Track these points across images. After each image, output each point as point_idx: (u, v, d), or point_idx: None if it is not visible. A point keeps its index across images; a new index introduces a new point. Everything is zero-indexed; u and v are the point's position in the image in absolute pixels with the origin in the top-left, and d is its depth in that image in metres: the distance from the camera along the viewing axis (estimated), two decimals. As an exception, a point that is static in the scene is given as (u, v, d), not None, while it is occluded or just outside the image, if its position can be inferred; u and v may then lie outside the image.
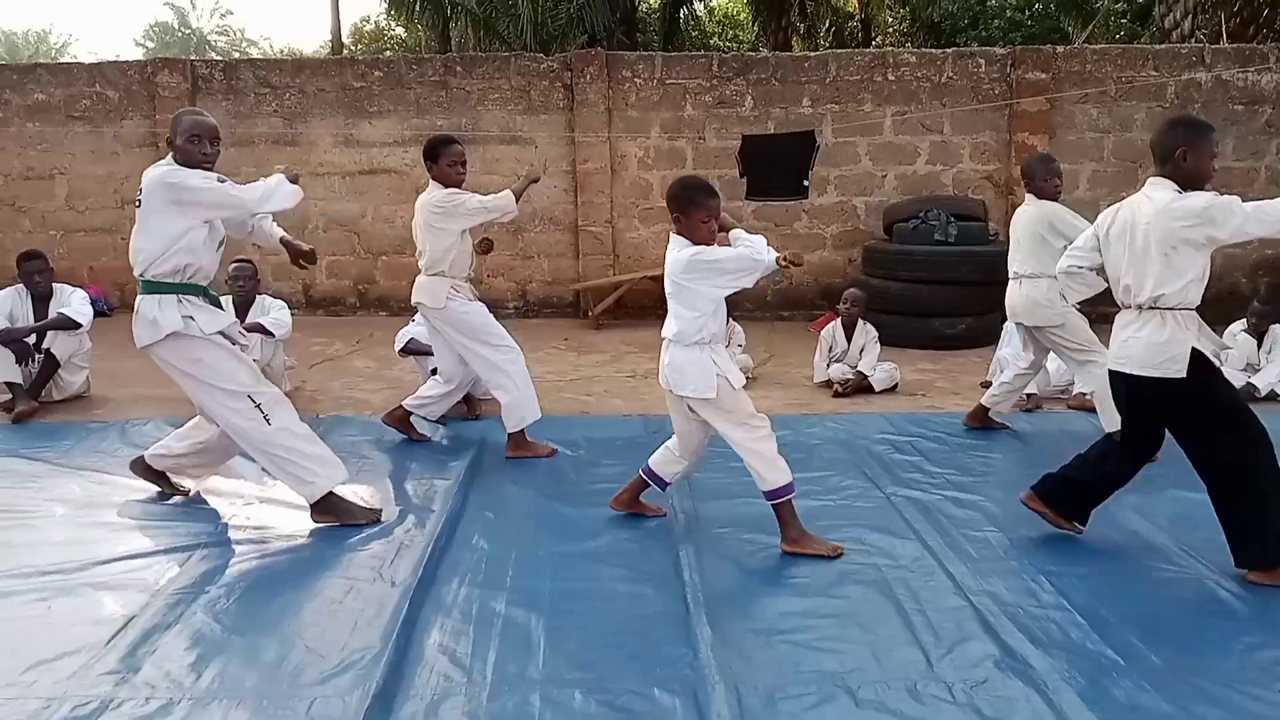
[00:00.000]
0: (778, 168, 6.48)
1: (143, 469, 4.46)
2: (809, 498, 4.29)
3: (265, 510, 4.41)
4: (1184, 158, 3.47)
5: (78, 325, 6.14)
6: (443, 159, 5.13)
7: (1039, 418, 5.92)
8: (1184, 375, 3.41)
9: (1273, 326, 6.39)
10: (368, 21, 29.51)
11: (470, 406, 5.88)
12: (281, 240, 4.47)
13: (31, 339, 6.02)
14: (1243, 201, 3.38)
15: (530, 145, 9.19)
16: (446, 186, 5.12)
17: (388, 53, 27.48)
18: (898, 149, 9.12)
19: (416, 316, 5.77)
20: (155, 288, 3.99)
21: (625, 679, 2.93)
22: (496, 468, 5.00)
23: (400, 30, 27.31)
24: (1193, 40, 12.19)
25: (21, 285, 6.22)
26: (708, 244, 3.77)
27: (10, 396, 5.91)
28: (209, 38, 53.83)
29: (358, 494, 4.48)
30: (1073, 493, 3.84)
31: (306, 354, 7.55)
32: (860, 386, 6.37)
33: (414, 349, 6.09)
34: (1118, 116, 8.93)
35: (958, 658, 3.03)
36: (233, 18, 53.61)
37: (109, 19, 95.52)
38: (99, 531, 4.13)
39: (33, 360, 6.02)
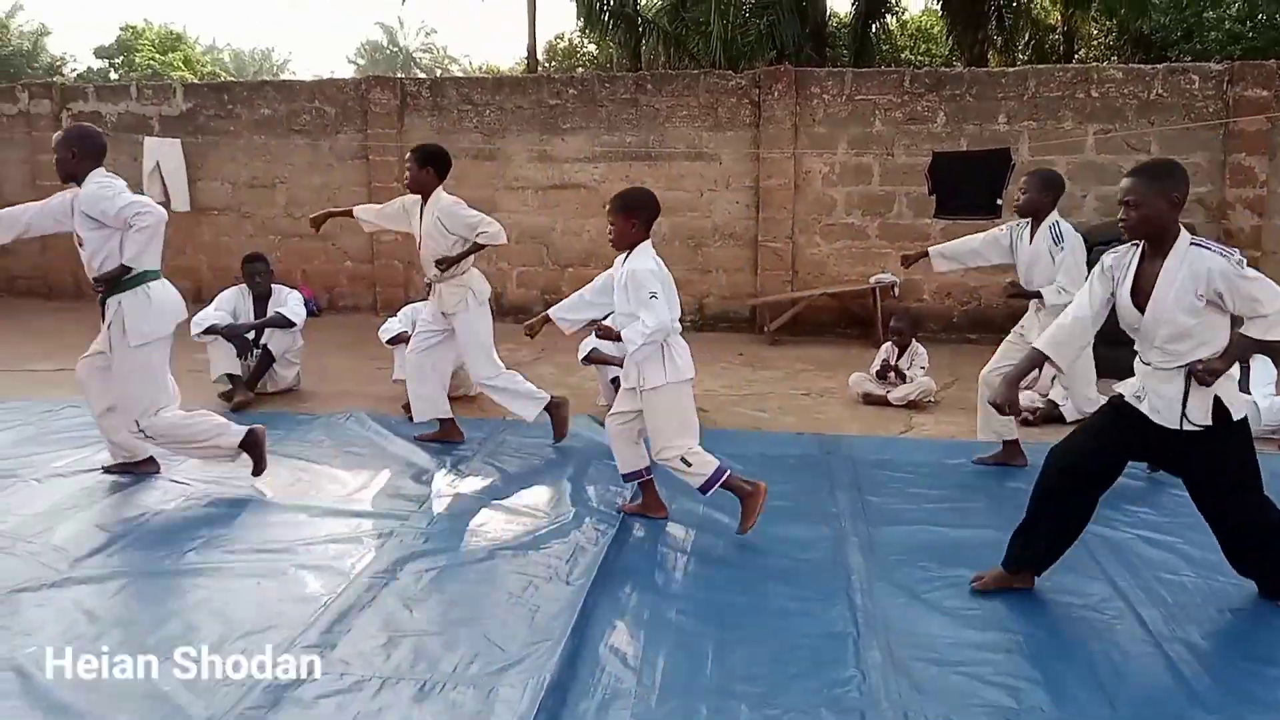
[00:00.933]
0: (969, 185, 6.29)
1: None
2: (988, 528, 4.16)
3: (453, 503, 4.65)
4: None
5: (292, 324, 6.64)
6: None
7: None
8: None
9: None
10: (562, 39, 30.42)
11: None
12: None
13: (251, 335, 6.56)
14: None
15: (715, 161, 9.29)
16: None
17: (580, 69, 28.36)
18: (1099, 169, 8.69)
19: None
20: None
21: (792, 696, 2.94)
22: (666, 479, 5.07)
23: (592, 47, 28.09)
24: None
25: (244, 285, 6.79)
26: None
27: (230, 387, 6.46)
28: (414, 55, 57.09)
29: (536, 497, 4.69)
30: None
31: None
32: (1050, 415, 6.10)
33: (595, 359, 6.25)
34: (1350, 136, 8.23)
35: (1144, 708, 2.88)
36: (436, 36, 56.40)
37: (325, 39, 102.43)
38: (302, 515, 4.47)
39: (251, 355, 6.56)
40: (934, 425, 6.16)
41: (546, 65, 26.95)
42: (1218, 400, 3.25)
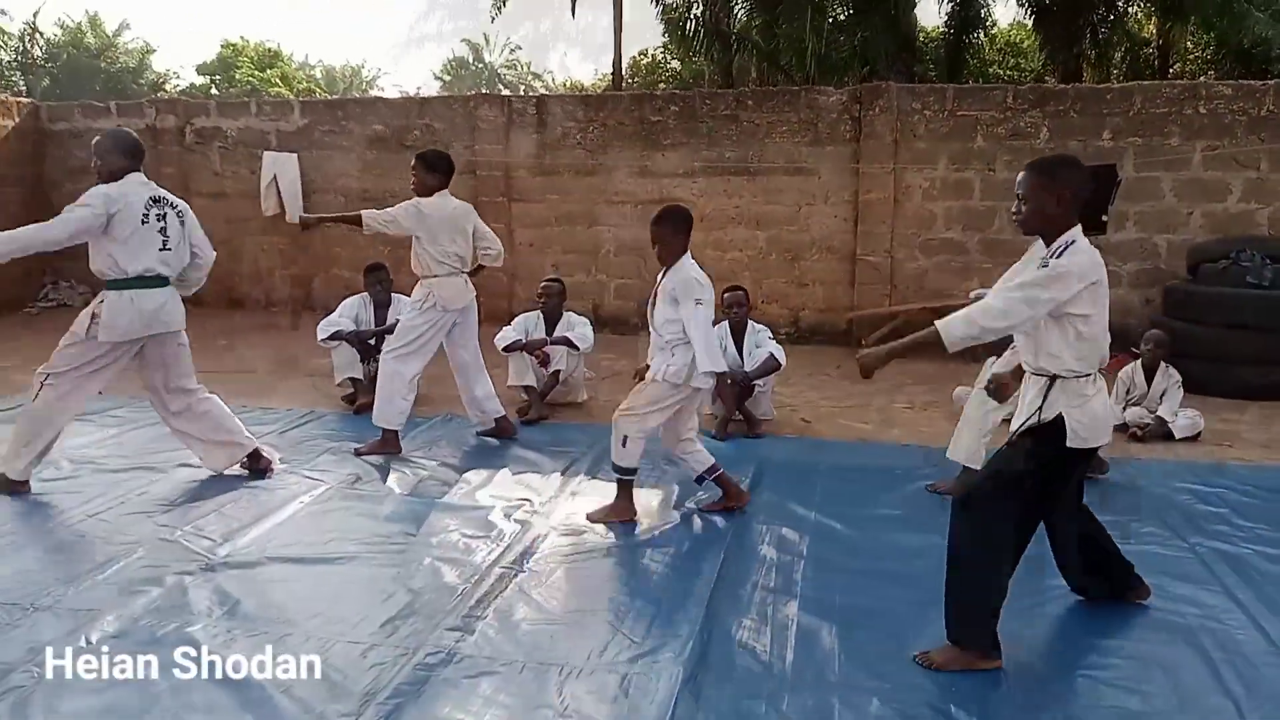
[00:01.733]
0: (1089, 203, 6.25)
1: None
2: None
3: (567, 502, 4.85)
4: None
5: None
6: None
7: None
8: None
9: None
10: (645, 55, 30.66)
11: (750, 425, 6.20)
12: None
13: (372, 341, 6.87)
14: None
15: (814, 175, 9.40)
16: None
17: (662, 85, 28.63)
18: (1206, 185, 8.58)
19: None
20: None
21: (921, 692, 3.06)
22: (775, 485, 5.20)
23: (676, 63, 28.33)
24: None
25: (366, 294, 7.12)
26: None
27: (353, 390, 6.77)
28: (499, 71, 58.13)
29: (649, 499, 4.87)
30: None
31: (597, 369, 8.09)
32: (1159, 433, 6.07)
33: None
34: None
35: (1273, 713, 2.93)
36: (520, 53, 57.30)
37: (414, 54, 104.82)
38: (428, 509, 4.72)
39: (374, 359, 6.87)
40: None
41: (630, 81, 27.24)
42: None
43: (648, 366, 4.66)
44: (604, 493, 4.95)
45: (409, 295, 6.99)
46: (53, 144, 11.37)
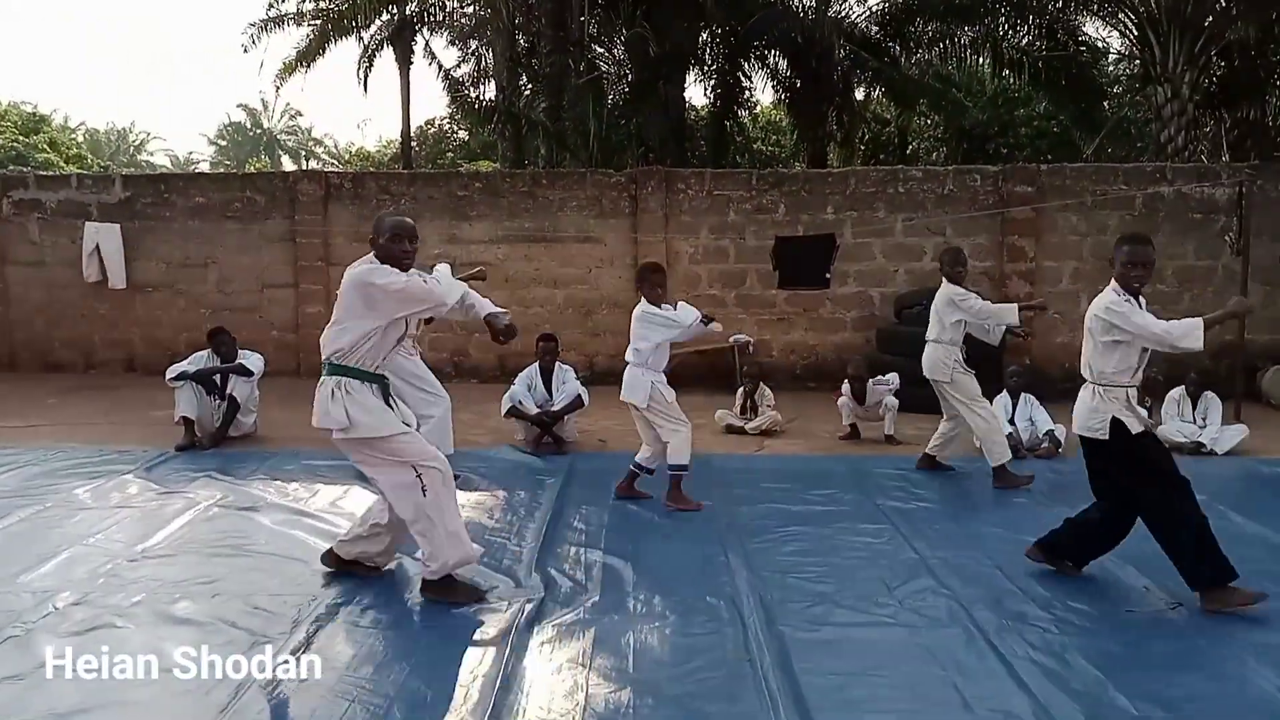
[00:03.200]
0: (805, 263, 8.07)
1: (334, 560, 4.76)
2: (822, 506, 5.90)
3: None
4: (1114, 264, 4.52)
5: (251, 373, 7.97)
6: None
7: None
8: (1107, 438, 4.43)
9: (1205, 392, 7.92)
10: (431, 125, 31.86)
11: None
12: (485, 318, 4.46)
13: (217, 379, 7.83)
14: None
15: (601, 243, 11.04)
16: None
17: (449, 154, 29.95)
18: (907, 249, 10.81)
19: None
20: (337, 370, 4.34)
21: (680, 584, 4.55)
22: (581, 484, 6.63)
23: (463, 134, 29.75)
24: (1185, 153, 13.87)
25: (210, 350, 8.06)
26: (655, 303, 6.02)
27: (188, 427, 7.63)
28: (279, 137, 57.47)
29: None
30: (1067, 544, 4.79)
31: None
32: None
33: (516, 413, 7.75)
34: (1095, 222, 10.59)
35: (913, 590, 4.60)
36: (301, 119, 56.91)
37: (182, 118, 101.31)
38: (298, 517, 5.84)
39: (218, 397, 7.82)
40: (781, 446, 7.94)
41: (417, 150, 28.34)
42: None
43: None
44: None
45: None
46: None
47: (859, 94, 20.65)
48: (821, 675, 3.71)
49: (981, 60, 17.11)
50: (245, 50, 24.38)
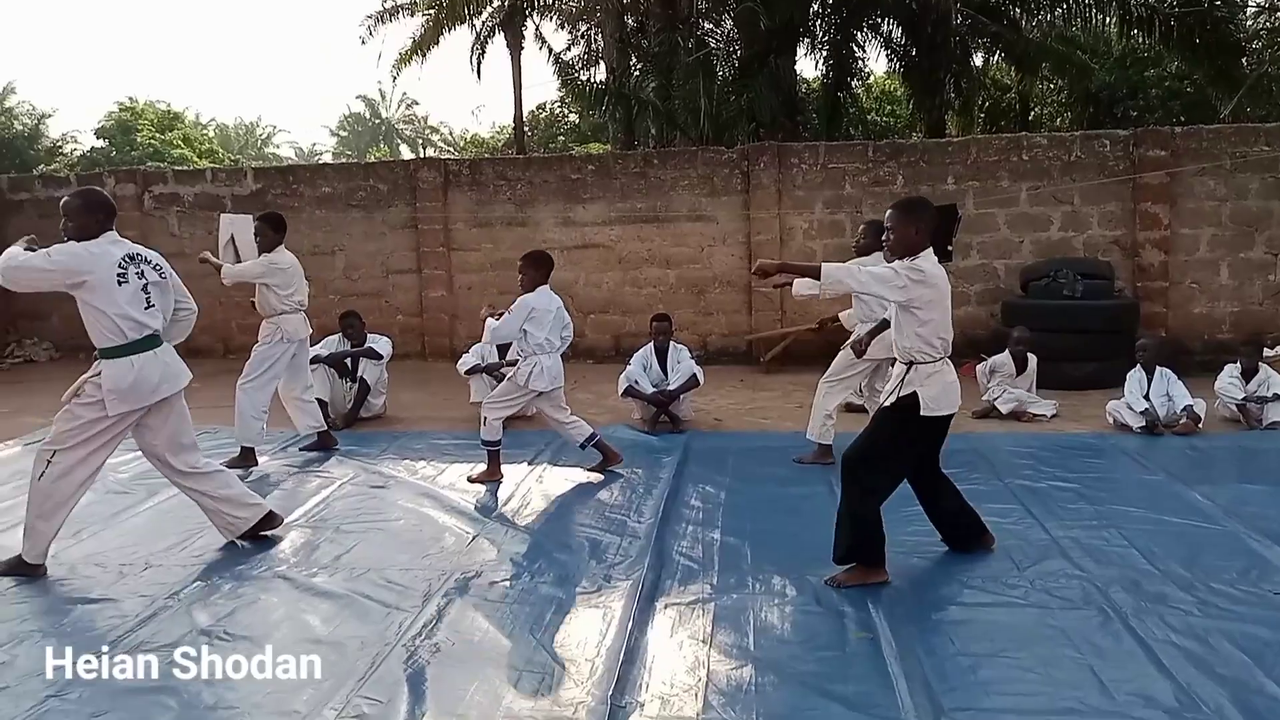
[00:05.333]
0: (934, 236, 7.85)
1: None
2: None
3: (545, 479, 6.23)
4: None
5: (380, 356, 8.26)
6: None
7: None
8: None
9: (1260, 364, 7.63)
10: (544, 109, 32.22)
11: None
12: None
13: (348, 362, 8.15)
14: None
15: (713, 221, 11.00)
16: None
17: (560, 137, 30.24)
18: (1032, 218, 10.44)
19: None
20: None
21: (804, 579, 4.53)
22: (697, 462, 6.65)
23: (574, 116, 29.99)
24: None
25: (341, 334, 8.38)
26: None
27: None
28: (397, 126, 59.05)
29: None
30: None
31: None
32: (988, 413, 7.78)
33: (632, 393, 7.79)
34: (1235, 186, 10.00)
35: (1043, 570, 4.47)
36: (418, 107, 58.24)
37: (305, 111, 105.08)
38: (435, 490, 6.02)
39: (350, 380, 8.14)
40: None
41: (530, 134, 28.70)
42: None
43: None
44: (563, 476, 6.36)
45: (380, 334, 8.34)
46: (15, 214, 12.24)
47: (977, 60, 20.00)
48: (948, 656, 3.65)
49: (1108, 20, 16.31)
50: (363, 42, 25.08)
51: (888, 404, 4.38)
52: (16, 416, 8.69)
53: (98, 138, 37.50)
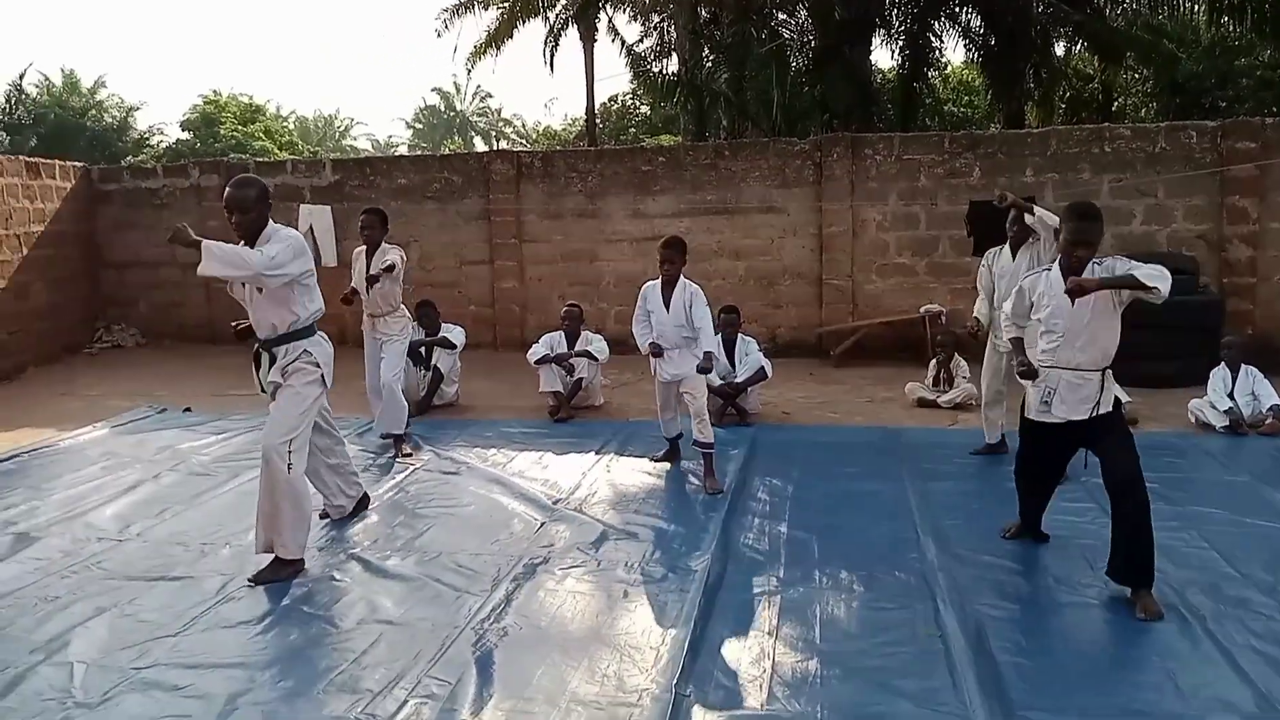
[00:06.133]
0: (1001, 229, 7.67)
1: None
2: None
3: (612, 469, 6.26)
4: None
5: (454, 346, 8.40)
6: None
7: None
8: None
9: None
10: (615, 100, 32.28)
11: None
12: None
13: (423, 351, 8.31)
14: None
15: (784, 213, 10.91)
16: None
17: (632, 129, 30.25)
18: (1114, 211, 10.14)
19: None
20: None
21: (870, 570, 4.49)
22: (765, 456, 6.63)
23: (645, 108, 29.98)
24: None
25: (416, 322, 8.53)
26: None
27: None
28: (471, 118, 59.78)
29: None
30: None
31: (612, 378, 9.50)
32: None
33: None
34: (1337, 179, 9.60)
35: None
36: (491, 100, 58.86)
37: (384, 104, 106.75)
38: (507, 477, 6.11)
39: (425, 370, 8.29)
40: (977, 420, 7.64)
41: (601, 126, 28.75)
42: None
43: None
44: (630, 465, 6.39)
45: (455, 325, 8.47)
46: (104, 204, 12.69)
47: (1059, 49, 19.47)
48: (1017, 654, 3.60)
49: (1196, 7, 15.76)
50: (439, 35, 25.49)
51: (1107, 411, 4.19)
52: (104, 400, 9.02)
53: (183, 130, 38.64)
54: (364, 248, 7.15)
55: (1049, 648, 3.67)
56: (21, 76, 35.59)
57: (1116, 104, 22.92)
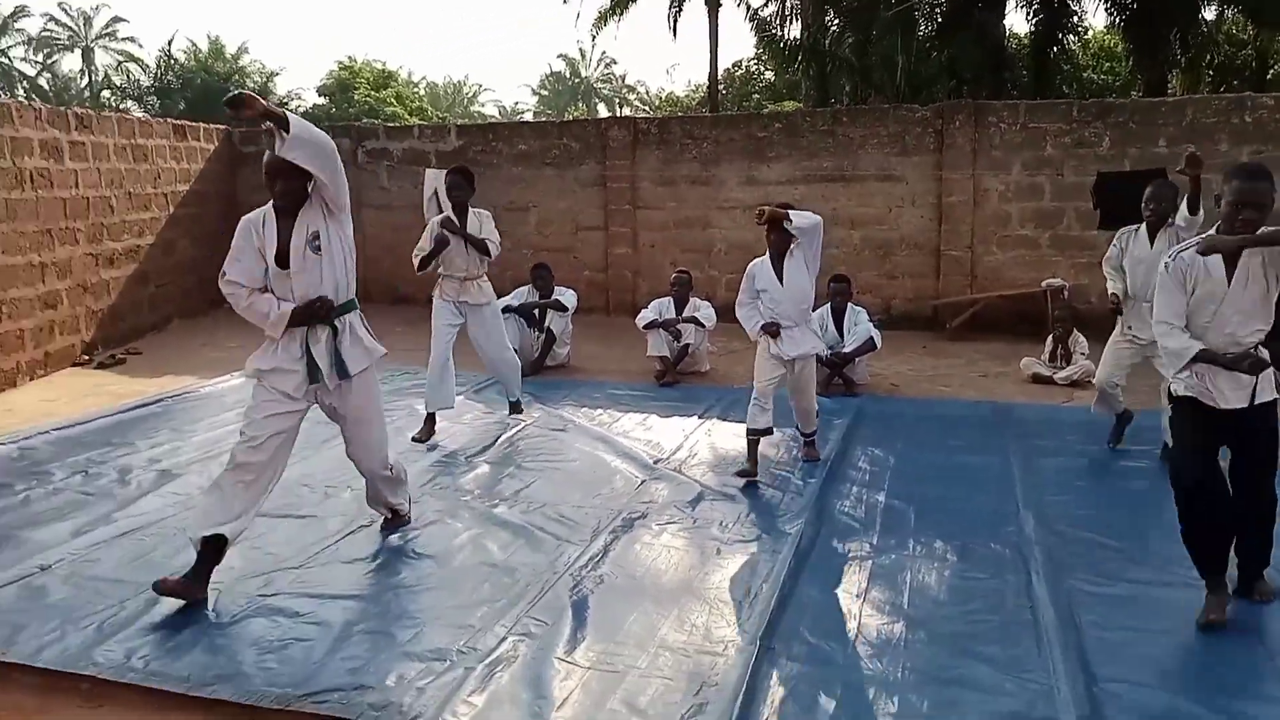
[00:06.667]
0: (1130, 202, 7.41)
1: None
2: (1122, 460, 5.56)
3: (714, 433, 6.38)
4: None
5: (566, 309, 8.63)
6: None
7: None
8: None
9: None
10: (739, 67, 32.07)
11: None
12: None
13: (536, 313, 8.56)
14: None
15: (902, 181, 10.75)
16: None
17: (755, 95, 30.02)
18: (1255, 185, 9.64)
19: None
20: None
21: (964, 537, 4.51)
22: (869, 425, 6.64)
23: (769, 74, 29.69)
24: None
25: (531, 285, 8.79)
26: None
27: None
28: (595, 85, 60.24)
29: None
30: None
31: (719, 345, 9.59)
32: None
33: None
34: None
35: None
36: (616, 67, 59.14)
37: (512, 71, 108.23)
38: (613, 436, 6.29)
39: (539, 332, 8.54)
40: (1093, 398, 7.45)
41: (724, 93, 28.60)
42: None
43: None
44: (730, 431, 6.47)
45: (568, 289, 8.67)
46: (244, 165, 13.36)
47: (1210, 13, 18.42)
48: (1106, 629, 3.59)
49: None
50: (565, 1, 25.62)
51: (1269, 398, 3.61)
52: (242, 352, 9.55)
53: (319, 95, 40.17)
54: (447, 210, 6.59)
55: (1141, 626, 3.64)
56: (170, 43, 37.68)
57: (1271, 72, 21.60)
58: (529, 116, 58.14)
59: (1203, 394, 3.57)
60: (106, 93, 40.16)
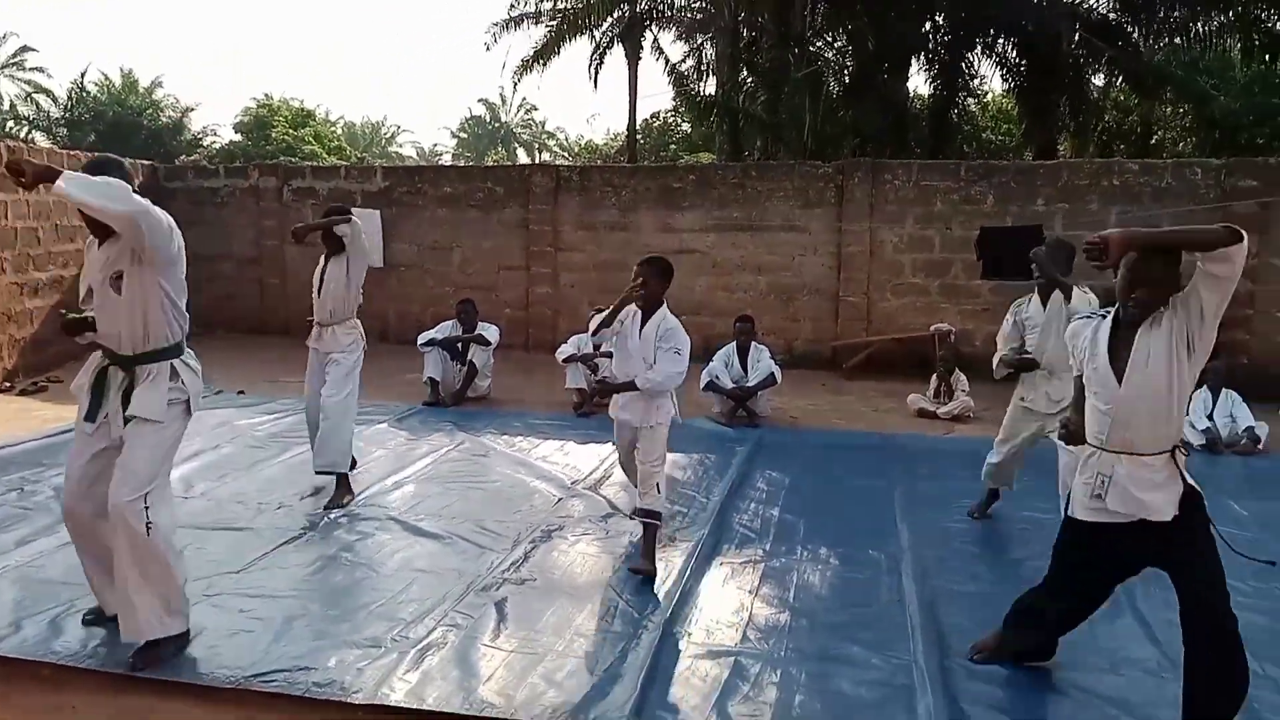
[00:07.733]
0: (1010, 254, 8.18)
1: None
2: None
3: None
4: None
5: (489, 343, 9.05)
6: None
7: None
8: None
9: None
10: (657, 118, 33.01)
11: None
12: None
13: (459, 346, 8.95)
14: None
15: (805, 232, 11.49)
16: None
17: (673, 146, 30.97)
18: (1122, 242, 10.61)
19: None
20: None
21: (852, 547, 5.06)
22: (769, 453, 7.20)
23: (686, 126, 30.67)
24: None
25: (456, 319, 9.20)
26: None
27: (431, 389, 8.74)
28: (514, 130, 60.88)
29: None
30: None
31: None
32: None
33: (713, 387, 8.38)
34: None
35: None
36: (536, 113, 59.95)
37: (429, 113, 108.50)
38: (530, 462, 6.73)
39: (460, 362, 8.93)
40: (970, 431, 8.17)
41: (642, 142, 29.40)
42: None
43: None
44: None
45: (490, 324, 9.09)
46: (166, 200, 13.50)
47: (1098, 81, 19.76)
48: (963, 618, 4.15)
49: (1231, 46, 16.07)
50: (487, 48, 26.31)
51: (1172, 513, 3.24)
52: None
53: (236, 132, 39.84)
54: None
55: (993, 619, 4.16)
56: (83, 75, 37.08)
57: (1156, 138, 23.16)
58: (448, 158, 58.50)
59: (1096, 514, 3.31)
60: (12, 123, 39.29)
